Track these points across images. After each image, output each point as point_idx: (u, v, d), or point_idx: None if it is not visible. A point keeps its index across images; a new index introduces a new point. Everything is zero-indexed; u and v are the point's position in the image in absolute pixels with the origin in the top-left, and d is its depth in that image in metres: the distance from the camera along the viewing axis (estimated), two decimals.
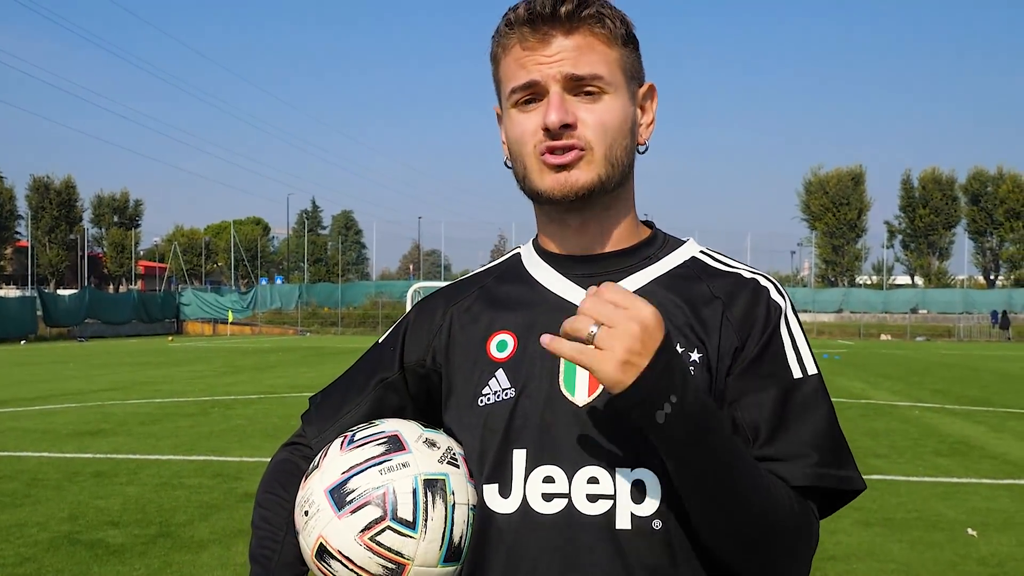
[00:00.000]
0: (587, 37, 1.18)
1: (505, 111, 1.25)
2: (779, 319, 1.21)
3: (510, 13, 1.21)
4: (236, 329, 48.56)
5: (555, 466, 1.16)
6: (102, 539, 5.74)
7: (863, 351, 31.73)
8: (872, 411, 12.92)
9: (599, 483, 1.14)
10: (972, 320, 47.82)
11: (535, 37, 1.18)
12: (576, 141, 1.17)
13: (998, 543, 5.84)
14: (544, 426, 1.18)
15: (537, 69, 1.18)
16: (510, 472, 1.18)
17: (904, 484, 7.72)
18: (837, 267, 62.04)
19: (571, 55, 1.17)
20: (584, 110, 1.18)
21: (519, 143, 1.21)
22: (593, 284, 1.10)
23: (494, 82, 1.28)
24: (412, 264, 76.73)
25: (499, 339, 1.25)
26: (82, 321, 42.11)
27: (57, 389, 15.85)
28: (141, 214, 70.96)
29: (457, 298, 1.35)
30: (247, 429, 10.90)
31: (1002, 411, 13.14)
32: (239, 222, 74.99)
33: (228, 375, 19.38)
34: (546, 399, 1.19)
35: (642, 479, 1.13)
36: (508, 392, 1.21)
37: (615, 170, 1.20)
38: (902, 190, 63.18)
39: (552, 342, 1.02)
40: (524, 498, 1.17)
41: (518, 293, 1.29)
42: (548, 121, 1.16)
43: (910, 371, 21.56)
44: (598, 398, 1.16)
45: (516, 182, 1.25)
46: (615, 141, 1.19)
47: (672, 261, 1.27)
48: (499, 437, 1.19)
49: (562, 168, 1.18)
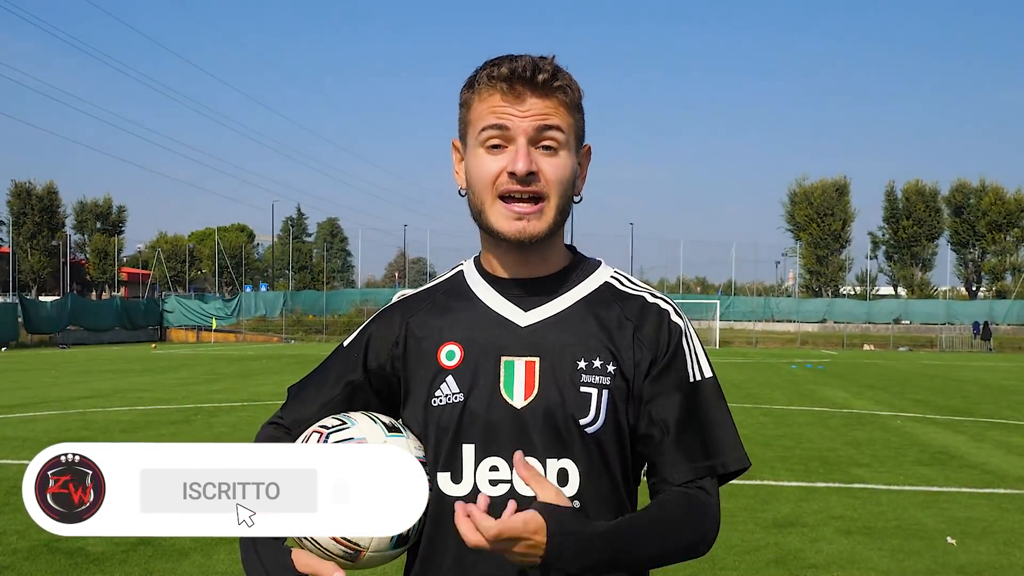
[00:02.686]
0: (554, 101, 1.42)
1: (471, 148, 1.46)
2: (680, 337, 1.50)
3: (493, 69, 1.42)
4: (220, 336, 48.29)
5: (499, 457, 1.41)
6: (82, 547, 5.70)
7: (846, 361, 31.89)
8: (855, 420, 12.99)
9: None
10: (954, 331, 48.11)
11: (512, 94, 1.40)
12: (538, 189, 1.41)
13: (976, 551, 5.88)
14: (488, 425, 1.43)
15: (510, 119, 1.40)
16: (460, 462, 1.43)
17: (885, 493, 7.76)
18: (821, 277, 62.34)
19: (540, 113, 1.41)
20: (544, 162, 1.41)
21: (482, 180, 1.43)
22: (526, 302, 1.49)
23: (460, 122, 1.49)
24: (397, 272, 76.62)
25: (448, 349, 1.49)
26: (64, 328, 41.76)
27: (38, 396, 15.71)
28: (124, 220, 70.41)
29: (412, 311, 1.57)
30: (230, 437, 10.83)
31: (983, 421, 13.23)
32: (223, 229, 74.69)
33: (211, 382, 19.26)
34: (488, 402, 1.43)
35: (565, 468, 1.41)
36: (457, 396, 1.45)
37: (562, 218, 1.45)
38: (886, 201, 63.61)
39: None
40: (475, 484, 1.41)
41: (462, 308, 1.52)
42: (518, 168, 1.39)
43: (892, 381, 21.68)
44: (532, 402, 1.43)
45: (469, 210, 1.48)
46: (565, 192, 1.44)
47: (590, 285, 1.53)
48: (450, 434, 1.43)
49: (521, 217, 1.41)
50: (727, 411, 1.50)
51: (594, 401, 1.43)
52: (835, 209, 62.31)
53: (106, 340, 43.78)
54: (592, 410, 1.42)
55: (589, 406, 1.42)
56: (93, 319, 44.40)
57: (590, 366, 1.44)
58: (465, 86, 1.47)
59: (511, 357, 1.45)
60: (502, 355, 1.46)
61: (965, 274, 62.65)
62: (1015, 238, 60.04)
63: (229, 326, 50.07)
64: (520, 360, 1.45)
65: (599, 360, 1.45)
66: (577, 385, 1.43)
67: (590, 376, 1.44)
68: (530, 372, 1.44)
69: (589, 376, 1.44)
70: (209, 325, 48.52)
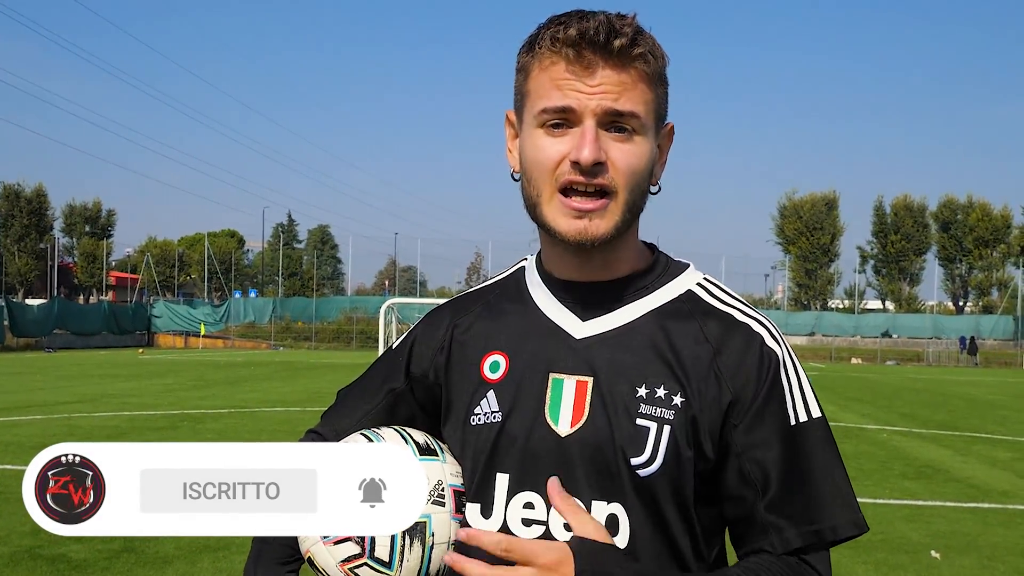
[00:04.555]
0: (632, 74, 1.15)
1: (527, 126, 1.21)
2: (776, 369, 1.20)
3: (558, 29, 1.15)
4: (208, 342, 48.11)
5: (535, 493, 1.19)
6: (64, 554, 5.66)
7: (834, 374, 32.00)
8: (841, 433, 13.05)
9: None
10: (941, 345, 48.44)
11: (580, 63, 1.14)
12: (605, 182, 1.15)
13: (960, 565, 5.92)
14: (527, 453, 1.20)
15: (575, 96, 1.14)
16: (492, 494, 1.21)
17: (871, 506, 7.79)
18: (810, 291, 62.60)
19: (614, 89, 1.14)
20: (615, 148, 1.16)
21: (540, 167, 1.18)
22: (585, 310, 1.24)
23: (516, 92, 1.24)
24: (388, 280, 76.48)
25: (492, 360, 1.27)
26: (51, 332, 41.53)
27: (23, 401, 15.60)
28: (113, 224, 70.11)
29: (461, 314, 1.36)
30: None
31: (968, 435, 13.31)
32: (213, 234, 74.43)
33: (199, 389, 19.17)
34: (530, 426, 1.21)
35: (615, 513, 1.17)
36: (496, 415, 1.23)
37: (632, 216, 1.20)
38: (874, 216, 63.98)
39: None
40: (504, 522, 1.19)
41: (514, 312, 1.31)
42: (582, 157, 1.13)
43: (879, 395, 21.79)
44: (579, 430, 1.19)
45: (523, 200, 1.23)
46: (638, 186, 1.18)
47: (667, 293, 1.26)
48: (484, 459, 1.23)
49: (583, 215, 1.16)
50: (839, 461, 1.21)
51: (651, 438, 1.17)
52: (824, 223, 62.62)
53: (93, 345, 43.53)
54: (648, 449, 1.17)
55: (644, 443, 1.17)
56: (80, 323, 44.17)
57: (651, 394, 1.19)
58: (524, 47, 1.21)
59: (560, 374, 1.22)
60: (551, 371, 1.23)
61: (952, 289, 63.03)
62: (1001, 254, 60.46)
63: (217, 332, 49.89)
64: (571, 379, 1.22)
65: (663, 389, 1.18)
66: (633, 416, 1.18)
67: (650, 407, 1.18)
68: (580, 394, 1.21)
69: (649, 407, 1.18)
70: (197, 331, 48.32)
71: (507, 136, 1.28)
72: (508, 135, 1.28)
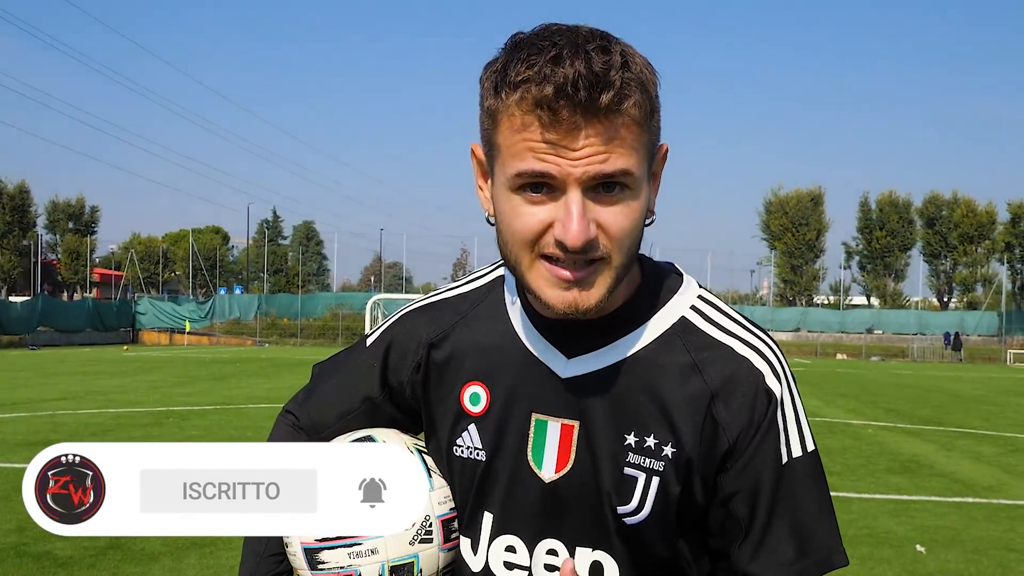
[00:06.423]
0: (619, 124, 0.98)
1: (500, 185, 1.04)
2: (775, 409, 1.11)
3: (528, 77, 0.96)
4: (193, 339, 47.86)
5: (516, 536, 1.16)
6: (50, 551, 5.63)
7: (819, 370, 32.19)
8: (826, 429, 13.12)
9: (558, 555, 1.15)
10: (926, 341, 48.81)
11: (559, 129, 0.96)
12: (596, 254, 1.02)
13: (945, 559, 5.98)
14: (509, 495, 1.17)
15: (556, 163, 0.97)
16: (479, 531, 1.19)
17: (856, 501, 7.85)
18: (795, 286, 62.94)
19: (601, 151, 0.97)
20: (605, 213, 1.00)
21: (518, 236, 1.03)
22: (570, 344, 1.13)
23: (483, 134, 1.06)
24: (374, 276, 76.34)
25: (471, 391, 1.19)
26: (34, 329, 41.20)
27: (6, 398, 15.48)
28: (97, 221, 69.60)
29: (436, 328, 1.25)
30: (203, 440, 10.73)
31: (952, 430, 13.42)
32: (198, 231, 74.07)
33: (184, 385, 19.08)
34: (513, 469, 1.16)
35: (600, 561, 1.14)
36: (480, 452, 1.18)
37: (625, 273, 1.06)
38: (860, 212, 64.34)
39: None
40: (487, 563, 1.18)
41: (492, 335, 1.20)
42: (568, 240, 0.98)
43: (864, 390, 21.92)
44: (564, 476, 1.14)
45: (499, 249, 1.09)
46: (632, 245, 1.05)
47: (659, 325, 1.13)
48: (471, 496, 1.20)
49: (571, 285, 1.03)
50: (826, 495, 1.14)
51: (639, 489, 1.11)
52: (810, 219, 62.94)
53: (77, 342, 43.23)
54: (636, 499, 1.11)
55: (632, 494, 1.11)
56: (64, 320, 43.86)
57: (640, 444, 1.11)
58: (487, 83, 1.02)
59: (544, 416, 1.15)
60: (533, 410, 1.15)
61: (937, 285, 63.48)
62: (986, 250, 60.97)
63: (202, 329, 49.63)
64: (555, 422, 1.14)
65: (653, 438, 1.11)
66: (620, 465, 1.11)
67: (639, 457, 1.11)
68: (566, 439, 1.14)
69: (637, 456, 1.11)
70: (182, 327, 48.07)
71: (475, 173, 1.12)
72: (476, 172, 1.12)
